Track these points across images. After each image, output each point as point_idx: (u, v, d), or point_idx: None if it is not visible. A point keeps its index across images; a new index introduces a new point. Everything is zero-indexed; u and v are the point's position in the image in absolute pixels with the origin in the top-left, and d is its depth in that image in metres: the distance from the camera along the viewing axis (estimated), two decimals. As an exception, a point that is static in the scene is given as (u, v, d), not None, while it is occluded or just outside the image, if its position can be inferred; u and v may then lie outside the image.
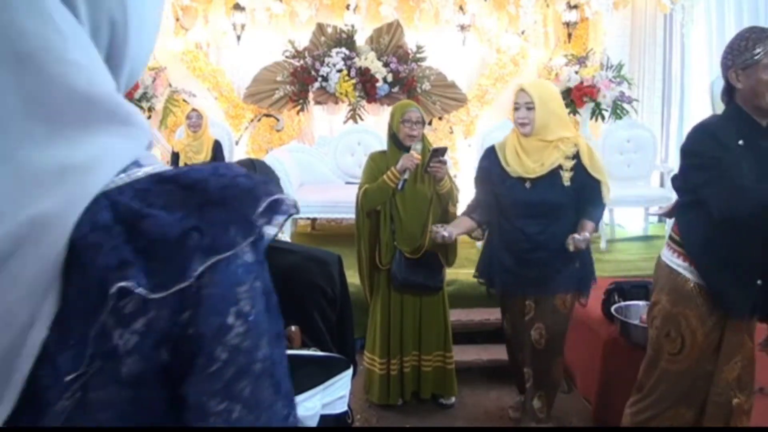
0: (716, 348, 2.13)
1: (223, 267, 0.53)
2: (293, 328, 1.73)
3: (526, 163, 2.66)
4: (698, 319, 2.12)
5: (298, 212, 0.59)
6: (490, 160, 2.79)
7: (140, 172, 0.54)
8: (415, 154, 2.98)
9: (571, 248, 2.55)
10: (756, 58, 1.95)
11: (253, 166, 1.92)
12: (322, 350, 1.78)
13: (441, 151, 2.96)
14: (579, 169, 2.63)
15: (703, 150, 2.06)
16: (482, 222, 2.87)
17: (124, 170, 0.53)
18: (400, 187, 3.01)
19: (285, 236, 1.91)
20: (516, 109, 2.69)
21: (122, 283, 0.48)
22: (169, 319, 0.51)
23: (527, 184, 2.67)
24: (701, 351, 2.14)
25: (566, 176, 2.63)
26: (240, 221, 0.54)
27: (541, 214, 2.66)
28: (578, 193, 2.65)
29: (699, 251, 2.13)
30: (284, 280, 1.74)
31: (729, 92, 2.06)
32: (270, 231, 0.56)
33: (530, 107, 2.63)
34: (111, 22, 0.57)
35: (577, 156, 2.64)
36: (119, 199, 0.51)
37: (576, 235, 2.56)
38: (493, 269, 2.86)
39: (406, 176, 2.99)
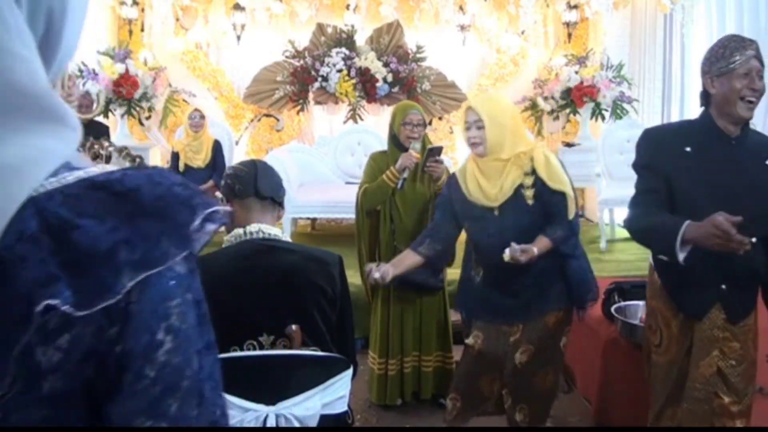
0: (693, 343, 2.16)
1: (153, 282, 0.50)
2: (294, 327, 1.73)
3: (487, 190, 2.43)
4: (670, 312, 2.17)
5: (229, 223, 0.57)
6: (452, 188, 2.55)
7: (71, 177, 0.50)
8: (414, 153, 2.98)
9: (506, 258, 2.32)
10: (731, 66, 1.99)
11: (255, 167, 1.92)
12: (322, 350, 1.78)
13: (437, 151, 2.96)
14: (539, 183, 2.40)
15: (640, 155, 2.20)
16: (430, 255, 2.56)
17: (54, 173, 0.50)
18: (399, 186, 3.02)
19: (285, 236, 1.90)
20: (466, 128, 2.44)
21: (49, 301, 0.45)
22: (94, 335, 0.49)
23: (496, 212, 2.43)
24: (679, 344, 2.16)
25: (528, 194, 2.40)
26: (174, 233, 0.51)
27: (515, 242, 2.37)
28: (545, 210, 2.42)
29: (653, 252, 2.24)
30: (284, 279, 1.74)
31: (705, 97, 2.11)
32: (202, 241, 0.53)
33: (480, 126, 2.39)
34: (49, 11, 0.53)
35: (535, 170, 2.41)
36: (47, 206, 0.48)
37: (514, 244, 2.31)
38: (471, 300, 2.66)
39: (405, 175, 3.00)
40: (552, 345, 2.55)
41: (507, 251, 2.32)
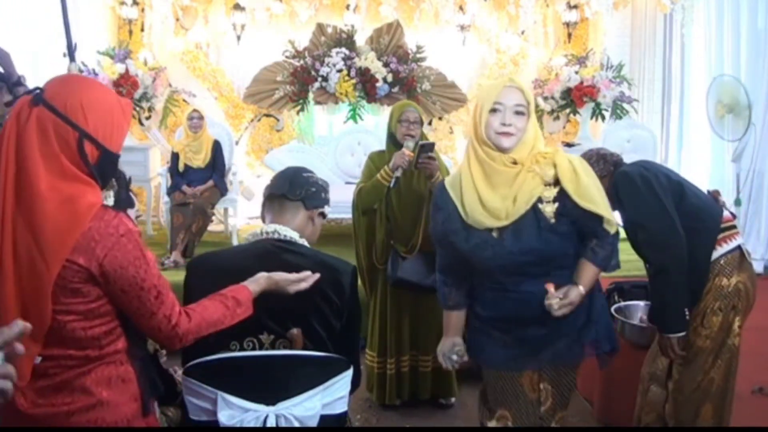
0: None
1: None
2: (295, 330, 1.72)
3: (493, 204, 1.83)
4: None
5: None
6: (447, 209, 1.92)
7: None
8: (407, 152, 2.98)
9: (556, 312, 1.80)
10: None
11: (290, 169, 1.91)
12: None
13: (428, 147, 2.95)
14: (566, 198, 1.85)
15: None
16: (467, 304, 2.04)
17: None
18: (392, 185, 3.02)
19: (302, 240, 1.88)
20: (493, 111, 1.84)
21: None
22: None
23: (494, 234, 1.85)
24: None
25: (549, 210, 1.84)
26: None
27: (530, 272, 1.85)
28: (577, 227, 1.87)
29: None
30: None
31: None
32: None
33: (521, 111, 1.85)
34: None
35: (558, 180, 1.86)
36: None
37: (551, 289, 1.80)
38: (484, 346, 2.00)
39: (398, 174, 3.00)
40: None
41: (551, 303, 1.79)
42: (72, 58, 2.36)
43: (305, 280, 1.67)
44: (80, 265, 1.29)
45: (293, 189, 1.85)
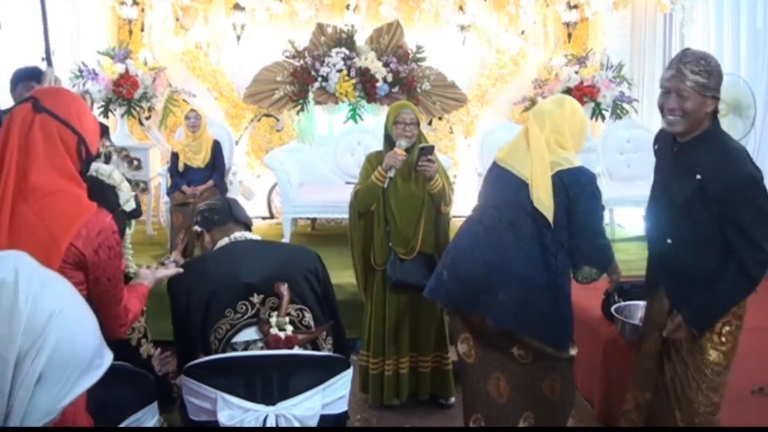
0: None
1: None
2: (283, 286, 1.91)
3: None
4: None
5: None
6: None
7: None
8: (399, 151, 2.97)
9: None
10: (661, 81, 2.16)
11: (226, 199, 2.28)
12: (312, 313, 1.97)
13: (428, 150, 2.93)
14: None
15: None
16: None
17: None
18: (386, 186, 3.00)
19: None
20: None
21: None
22: None
23: None
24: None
25: None
26: None
27: None
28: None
29: None
30: (274, 255, 2.06)
31: None
32: None
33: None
34: None
35: None
36: None
37: None
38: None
39: (391, 174, 2.99)
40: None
41: None
42: (49, 63, 2.42)
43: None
44: (77, 248, 1.49)
45: (240, 214, 2.22)
